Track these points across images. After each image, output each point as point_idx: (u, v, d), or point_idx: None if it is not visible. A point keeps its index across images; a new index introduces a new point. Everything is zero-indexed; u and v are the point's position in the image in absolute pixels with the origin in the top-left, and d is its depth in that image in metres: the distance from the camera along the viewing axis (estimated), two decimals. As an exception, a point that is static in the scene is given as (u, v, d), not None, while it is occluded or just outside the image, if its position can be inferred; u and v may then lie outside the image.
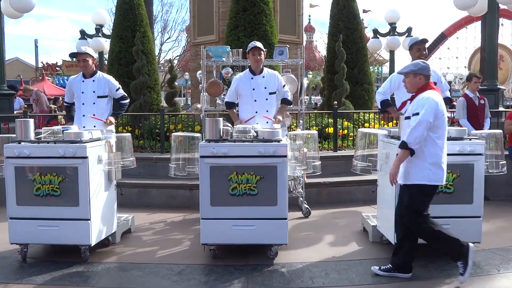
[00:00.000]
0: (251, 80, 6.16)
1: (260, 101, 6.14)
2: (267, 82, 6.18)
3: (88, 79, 6.19)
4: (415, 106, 4.39)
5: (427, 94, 4.42)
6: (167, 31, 36.44)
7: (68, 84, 6.45)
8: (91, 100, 6.16)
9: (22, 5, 9.46)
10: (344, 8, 11.83)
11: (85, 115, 6.11)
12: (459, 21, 46.60)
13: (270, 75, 6.24)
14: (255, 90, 6.14)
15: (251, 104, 6.17)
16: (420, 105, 4.35)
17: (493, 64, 9.53)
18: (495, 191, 7.48)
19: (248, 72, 6.24)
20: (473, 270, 4.73)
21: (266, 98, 6.16)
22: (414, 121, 4.32)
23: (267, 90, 6.16)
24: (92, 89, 6.17)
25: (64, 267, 4.87)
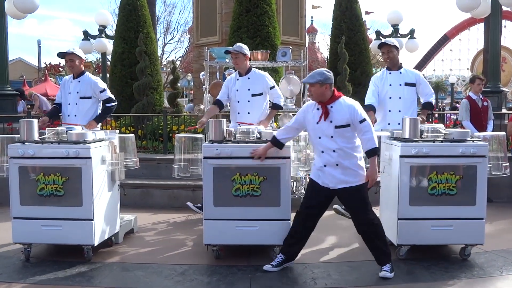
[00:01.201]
0: (237, 81, 6.17)
1: (242, 103, 6.13)
2: (251, 84, 6.13)
3: (75, 80, 6.24)
4: (353, 113, 4.50)
5: (348, 100, 4.65)
6: (170, 32, 36.53)
7: (61, 83, 6.59)
8: (74, 100, 6.21)
9: (26, 5, 9.51)
10: (347, 9, 11.86)
11: (70, 115, 6.17)
12: (462, 23, 46.66)
13: (256, 76, 6.16)
14: (238, 91, 6.13)
15: (234, 104, 6.21)
16: (359, 110, 4.52)
17: (496, 66, 9.54)
18: (497, 193, 7.47)
19: (237, 73, 6.27)
20: (476, 272, 4.76)
21: (248, 100, 6.13)
22: (368, 126, 4.52)
23: (250, 92, 6.11)
24: (76, 90, 6.21)
25: (67, 267, 4.88)
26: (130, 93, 10.58)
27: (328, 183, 4.62)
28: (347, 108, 4.52)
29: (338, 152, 4.53)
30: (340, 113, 4.51)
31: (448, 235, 4.98)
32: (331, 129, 4.52)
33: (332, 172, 4.58)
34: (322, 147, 4.59)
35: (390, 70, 6.13)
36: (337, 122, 4.51)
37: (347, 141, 4.55)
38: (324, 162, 4.60)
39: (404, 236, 4.98)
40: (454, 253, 5.24)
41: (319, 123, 4.56)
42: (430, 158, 4.89)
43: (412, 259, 5.03)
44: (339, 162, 4.55)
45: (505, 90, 10.11)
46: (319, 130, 4.58)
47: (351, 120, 4.50)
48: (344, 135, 4.53)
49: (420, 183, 4.94)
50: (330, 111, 4.52)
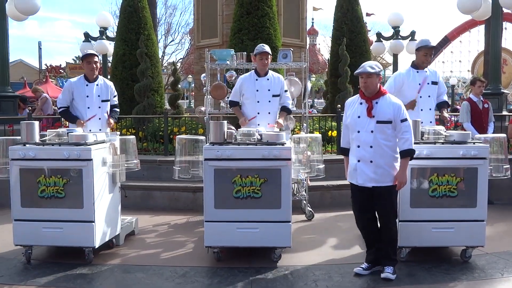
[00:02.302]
0: (256, 82, 6.24)
1: (263, 103, 6.22)
2: (271, 85, 6.26)
3: (92, 83, 6.18)
4: (397, 111, 4.50)
5: (393, 98, 4.63)
6: (171, 33, 36.56)
7: (69, 86, 6.22)
8: (97, 104, 6.18)
9: (27, 7, 9.54)
10: (348, 11, 11.86)
11: (91, 119, 6.11)
12: (463, 24, 46.60)
13: (275, 78, 6.32)
14: (258, 92, 6.22)
15: (253, 105, 6.25)
16: (403, 109, 4.53)
17: (497, 68, 9.54)
18: (498, 195, 7.47)
19: (253, 74, 6.32)
20: (477, 274, 4.76)
21: (269, 100, 6.24)
22: (408, 126, 4.51)
23: (271, 92, 6.24)
24: (97, 93, 6.19)
25: (68, 269, 4.88)
26: (131, 95, 10.57)
27: (359, 180, 4.62)
28: (392, 105, 4.52)
29: (375, 148, 4.51)
30: (385, 109, 4.50)
31: (449, 237, 4.98)
32: (372, 124, 4.50)
33: (364, 168, 4.56)
34: (359, 142, 4.56)
35: (416, 68, 6.02)
36: (380, 118, 4.49)
37: (386, 138, 4.53)
38: (359, 157, 4.58)
39: (405, 238, 4.98)
40: (455, 255, 5.24)
41: (361, 117, 4.54)
42: (431, 160, 4.90)
43: (413, 261, 5.04)
44: (373, 159, 4.52)
45: (506, 92, 10.09)
46: (359, 124, 4.55)
47: (394, 117, 4.48)
48: (385, 132, 4.51)
49: (421, 185, 4.94)
50: (375, 106, 4.51)
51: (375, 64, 4.56)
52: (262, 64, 6.22)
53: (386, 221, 4.66)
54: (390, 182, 4.56)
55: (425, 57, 5.96)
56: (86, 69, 6.21)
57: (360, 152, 4.57)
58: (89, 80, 6.19)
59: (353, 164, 4.65)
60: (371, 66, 4.52)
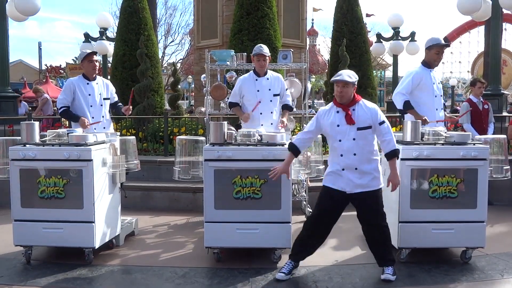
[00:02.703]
0: (256, 82, 6.26)
1: (265, 102, 6.23)
2: (271, 84, 6.28)
3: (92, 82, 6.19)
4: (374, 115, 4.54)
5: (368, 102, 4.68)
6: (171, 34, 36.62)
7: (70, 85, 6.13)
8: (99, 102, 6.18)
9: (27, 8, 9.54)
10: (348, 12, 11.85)
11: (94, 117, 6.09)
12: (462, 25, 46.62)
13: (274, 78, 6.34)
14: (259, 92, 6.23)
15: (256, 106, 6.22)
16: (379, 112, 4.58)
17: (497, 69, 9.55)
18: (498, 196, 7.47)
19: (252, 74, 6.33)
20: (477, 275, 4.75)
21: (270, 100, 6.27)
22: (387, 128, 4.56)
23: (272, 92, 6.27)
24: (99, 92, 6.19)
25: (68, 270, 4.88)
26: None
27: (345, 186, 4.57)
28: (369, 110, 4.54)
29: (359, 155, 4.51)
30: (363, 115, 4.52)
31: (449, 238, 4.98)
32: (353, 131, 4.50)
33: (350, 176, 4.54)
34: (342, 150, 4.55)
35: (429, 67, 5.98)
36: (360, 124, 4.50)
37: (368, 144, 4.55)
38: (343, 166, 4.56)
39: (405, 239, 4.98)
40: (455, 256, 5.24)
41: (340, 125, 4.53)
42: (431, 161, 4.90)
43: (413, 262, 5.03)
44: (358, 166, 4.52)
45: (506, 93, 10.10)
46: (340, 133, 4.54)
47: (372, 122, 4.51)
48: (366, 137, 4.53)
49: (421, 186, 4.94)
50: (353, 113, 4.52)
51: (353, 74, 4.59)
52: (259, 66, 6.23)
53: (379, 223, 4.64)
54: (377, 186, 4.59)
55: (438, 55, 5.92)
56: (88, 68, 6.16)
57: (344, 161, 4.55)
58: (89, 79, 6.19)
59: (336, 170, 4.61)
60: (348, 75, 4.54)
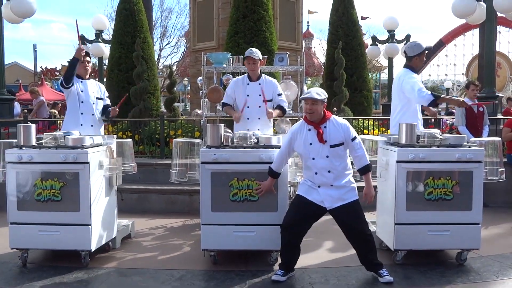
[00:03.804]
0: (247, 86, 6.14)
1: (253, 108, 6.10)
2: (262, 89, 6.13)
3: (85, 81, 6.21)
4: (346, 131, 4.58)
5: (339, 118, 4.72)
6: (166, 36, 36.58)
7: None
8: (92, 100, 6.16)
9: (23, 10, 9.53)
10: (343, 15, 11.92)
11: (83, 113, 6.09)
12: (457, 28, 46.81)
13: (267, 83, 6.18)
14: (249, 97, 6.11)
15: (244, 110, 6.15)
16: (350, 128, 4.62)
17: (492, 72, 9.60)
18: (493, 197, 7.51)
19: (245, 78, 6.22)
20: (472, 276, 4.78)
21: (259, 106, 6.12)
22: (358, 144, 4.62)
23: (262, 98, 6.11)
24: (92, 90, 6.20)
25: (64, 272, 4.87)
26: (127, 98, 10.56)
27: (324, 201, 4.60)
28: (340, 127, 4.58)
29: (333, 172, 4.56)
30: (334, 132, 4.55)
31: (445, 240, 5.00)
32: (326, 149, 4.54)
33: (327, 192, 4.59)
34: (316, 169, 4.58)
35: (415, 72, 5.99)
36: (332, 142, 4.54)
37: (341, 160, 4.59)
38: (319, 183, 4.61)
39: (401, 241, 5.00)
40: (450, 258, 5.27)
41: (313, 144, 4.56)
42: (426, 163, 4.92)
43: (408, 264, 5.06)
44: (333, 182, 4.57)
45: (501, 96, 10.16)
46: (313, 151, 4.57)
47: (344, 138, 4.55)
48: (339, 154, 4.57)
49: (417, 188, 4.96)
50: (324, 131, 4.55)
51: (322, 91, 4.61)
52: (250, 69, 6.11)
53: (364, 231, 4.64)
54: (355, 196, 4.64)
55: (423, 61, 6.01)
56: (80, 68, 6.18)
57: (319, 178, 4.59)
58: (82, 78, 6.22)
59: (312, 185, 4.65)
60: (317, 92, 4.55)
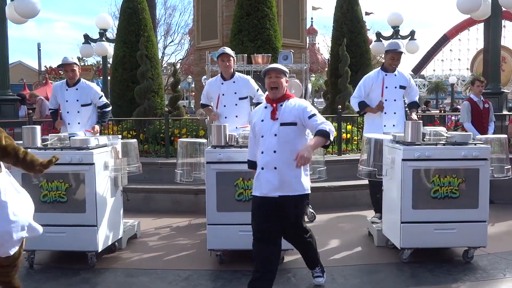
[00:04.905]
0: (221, 86, 6.14)
1: (230, 107, 6.09)
2: (237, 87, 6.12)
3: (71, 88, 6.30)
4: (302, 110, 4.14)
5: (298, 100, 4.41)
6: (170, 34, 36.58)
7: (53, 90, 6.49)
8: (75, 109, 6.27)
9: (27, 10, 9.55)
10: (348, 11, 11.87)
11: (70, 123, 6.18)
12: (461, 23, 46.69)
13: (241, 80, 6.17)
14: (224, 96, 6.10)
15: (220, 109, 6.16)
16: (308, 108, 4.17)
17: (496, 68, 9.55)
18: (499, 194, 7.46)
19: (219, 77, 6.21)
20: (479, 274, 4.77)
21: (235, 104, 6.11)
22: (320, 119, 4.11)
23: (237, 96, 6.09)
24: (76, 98, 6.27)
25: (71, 274, 4.88)
26: (131, 97, 10.58)
27: (264, 189, 4.13)
28: (296, 106, 4.20)
29: (279, 153, 4.09)
30: (289, 110, 4.17)
31: (451, 238, 4.99)
32: (276, 127, 4.13)
33: (268, 176, 4.11)
34: (263, 147, 4.18)
35: (385, 71, 6.09)
36: (283, 119, 4.14)
37: (290, 142, 4.12)
38: (262, 164, 4.17)
39: (407, 240, 4.99)
40: (457, 256, 5.25)
41: (264, 120, 4.21)
42: (432, 161, 4.91)
43: (415, 262, 5.05)
44: (278, 165, 4.10)
45: (506, 92, 10.12)
46: (263, 129, 4.20)
47: (299, 118, 4.12)
48: (289, 135, 4.13)
49: (423, 187, 4.95)
50: (279, 109, 4.19)
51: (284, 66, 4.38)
52: (224, 67, 6.07)
53: (301, 234, 4.32)
54: (299, 191, 4.13)
55: (392, 60, 6.09)
56: (66, 76, 6.38)
57: (264, 158, 4.16)
58: (69, 85, 6.27)
59: (257, 174, 4.22)
60: (281, 65, 4.38)
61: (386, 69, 6.12)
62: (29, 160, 3.64)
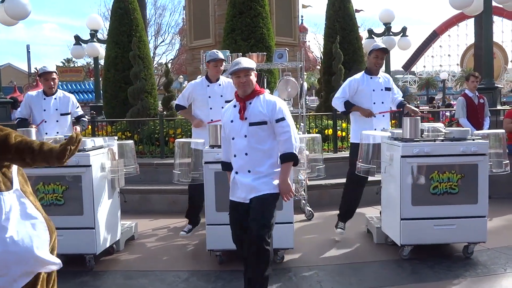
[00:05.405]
0: (207, 88, 6.09)
1: (216, 109, 6.01)
2: (223, 90, 6.10)
3: (50, 97, 6.30)
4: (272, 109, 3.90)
5: (270, 96, 4.10)
6: (161, 34, 36.49)
7: (27, 100, 6.37)
8: (54, 117, 6.26)
9: (17, 12, 9.44)
10: (340, 9, 11.86)
11: (48, 133, 6.13)
12: (451, 19, 46.92)
13: (227, 83, 6.14)
14: (211, 98, 6.06)
15: (206, 111, 6.08)
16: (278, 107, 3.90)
17: (490, 63, 9.57)
18: (496, 189, 7.47)
19: (204, 80, 6.16)
20: (480, 270, 4.77)
21: (222, 106, 5.96)
22: (286, 126, 3.87)
23: (223, 98, 6.06)
24: (55, 107, 6.25)
25: (70, 277, 4.82)
26: (124, 98, 10.52)
27: (241, 194, 3.97)
28: (266, 103, 3.93)
29: (251, 155, 3.91)
30: (257, 108, 3.91)
31: (451, 234, 4.99)
32: (245, 127, 3.91)
33: (243, 180, 3.94)
34: (235, 150, 3.98)
35: (370, 74, 6.06)
36: (252, 119, 3.90)
37: (261, 142, 3.91)
38: (236, 169, 4.00)
39: (407, 236, 4.99)
40: (457, 252, 5.25)
41: (234, 121, 3.98)
42: (431, 157, 4.90)
43: (415, 258, 5.04)
44: (251, 168, 3.92)
45: (500, 87, 10.15)
46: (233, 130, 3.99)
47: (269, 117, 3.88)
48: (258, 134, 3.90)
49: (422, 183, 4.94)
50: (248, 107, 3.94)
51: (250, 60, 4.07)
52: (216, 71, 6.06)
53: (257, 234, 3.80)
54: (267, 190, 3.89)
55: (376, 59, 6.02)
56: (44, 85, 6.33)
57: (237, 162, 3.98)
58: (47, 94, 6.24)
59: (233, 179, 4.04)
60: (247, 61, 3.99)
61: (370, 72, 6.07)
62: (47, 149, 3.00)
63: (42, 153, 3.00)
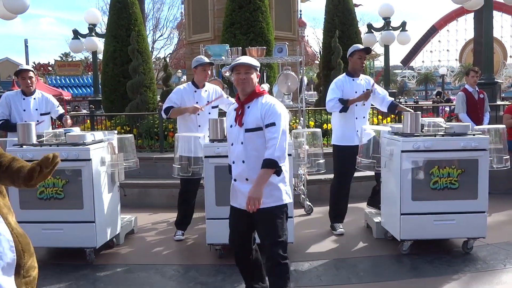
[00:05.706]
0: (194, 94, 6.01)
1: (203, 115, 5.97)
2: (209, 96, 6.06)
3: (29, 97, 6.25)
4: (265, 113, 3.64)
5: (270, 98, 3.79)
6: (159, 28, 36.43)
7: (6, 99, 6.25)
8: (34, 117, 6.17)
9: (16, 6, 9.37)
10: (339, 3, 11.82)
11: None
12: (450, 13, 46.86)
13: (213, 89, 6.13)
14: (198, 104, 5.97)
15: (194, 117, 5.99)
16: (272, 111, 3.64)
17: (490, 58, 9.57)
18: (495, 184, 7.46)
19: (191, 85, 6.08)
20: (479, 265, 4.78)
21: (208, 112, 6.03)
22: (274, 132, 3.59)
23: (210, 104, 6.03)
24: (35, 107, 6.23)
25: (70, 270, 4.84)
26: (123, 92, 10.50)
27: (241, 202, 3.71)
28: (261, 107, 3.67)
29: (248, 163, 3.70)
30: (254, 114, 3.68)
31: (451, 229, 4.99)
32: (242, 134, 3.71)
33: (241, 188, 3.74)
34: (233, 157, 3.81)
35: (352, 76, 6.04)
36: (248, 125, 3.69)
37: (258, 149, 3.67)
38: (235, 176, 3.82)
39: (407, 231, 4.99)
40: (456, 247, 5.26)
41: (232, 126, 3.80)
42: (431, 152, 4.90)
43: (415, 253, 5.05)
44: (248, 176, 3.69)
45: (500, 82, 10.15)
46: (231, 136, 3.83)
47: (262, 121, 3.64)
48: (255, 141, 3.68)
49: (422, 178, 4.94)
50: (246, 112, 3.72)
51: (254, 60, 3.82)
52: (204, 76, 5.99)
53: (272, 250, 3.61)
54: (272, 202, 3.66)
55: (360, 60, 6.02)
56: (21, 85, 6.26)
57: (235, 169, 3.80)
58: (26, 94, 6.20)
59: (232, 185, 3.88)
60: (250, 59, 3.80)
61: (353, 74, 6.05)
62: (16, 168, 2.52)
63: (9, 171, 2.53)
